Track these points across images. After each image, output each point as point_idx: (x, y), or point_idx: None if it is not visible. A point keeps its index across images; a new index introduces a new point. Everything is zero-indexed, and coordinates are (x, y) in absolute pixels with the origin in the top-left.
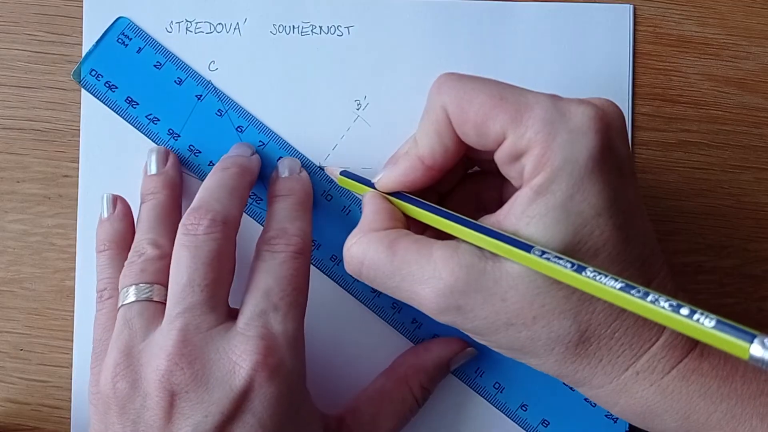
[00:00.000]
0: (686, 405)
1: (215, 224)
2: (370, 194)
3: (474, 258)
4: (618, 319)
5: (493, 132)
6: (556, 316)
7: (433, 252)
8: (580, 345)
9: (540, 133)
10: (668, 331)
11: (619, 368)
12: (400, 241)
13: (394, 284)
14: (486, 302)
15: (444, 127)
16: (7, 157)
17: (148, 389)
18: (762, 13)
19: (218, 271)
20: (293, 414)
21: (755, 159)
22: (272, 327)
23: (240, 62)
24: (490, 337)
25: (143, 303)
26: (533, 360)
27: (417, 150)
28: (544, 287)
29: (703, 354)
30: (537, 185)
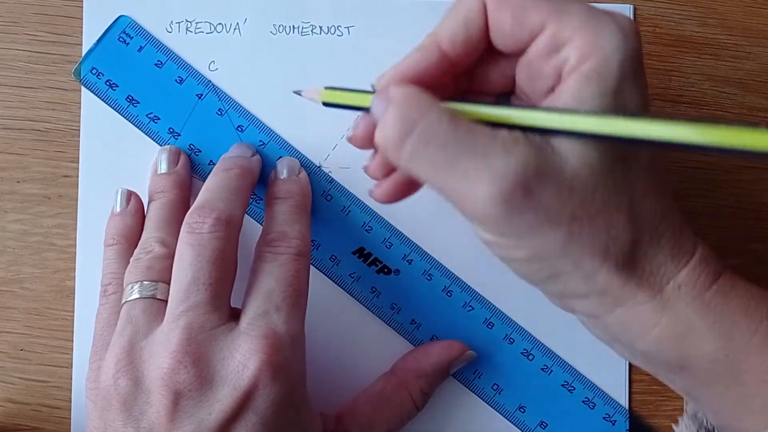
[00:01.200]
0: (729, 323)
1: (219, 223)
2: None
3: (540, 144)
4: (663, 220)
5: (531, 21)
6: (615, 210)
7: (500, 133)
8: (632, 249)
9: (587, 23)
10: (701, 247)
11: (662, 280)
12: (460, 116)
13: (450, 158)
14: (555, 189)
15: (476, 13)
16: (7, 157)
17: (151, 387)
18: (762, 13)
19: (222, 270)
20: (294, 413)
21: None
22: (275, 327)
23: (240, 62)
24: (546, 235)
25: (147, 300)
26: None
27: (435, 36)
28: (601, 176)
29: (734, 276)
30: (589, 69)
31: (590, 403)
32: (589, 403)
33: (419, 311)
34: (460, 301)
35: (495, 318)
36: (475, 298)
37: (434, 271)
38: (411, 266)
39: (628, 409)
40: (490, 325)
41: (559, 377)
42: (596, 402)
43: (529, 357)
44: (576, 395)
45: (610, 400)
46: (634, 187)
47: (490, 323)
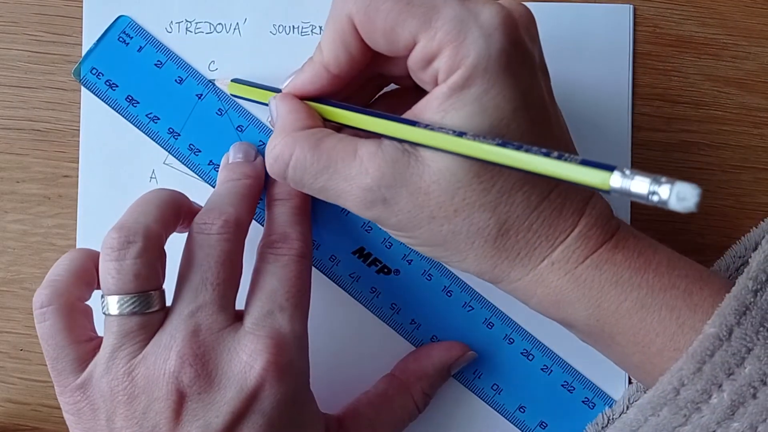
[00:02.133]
0: (598, 293)
1: (228, 225)
2: (283, 94)
3: (398, 153)
4: (535, 210)
5: (403, 38)
6: (476, 209)
7: (358, 149)
8: (499, 238)
9: (451, 33)
10: (583, 222)
11: (535, 260)
12: (324, 140)
13: (321, 184)
14: (410, 196)
15: (349, 36)
16: (7, 157)
17: (154, 389)
18: (762, 13)
19: (229, 272)
20: (299, 413)
21: (755, 159)
22: (280, 327)
23: (240, 62)
24: (412, 232)
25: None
26: (454, 257)
27: (321, 58)
28: (465, 180)
29: (617, 246)
30: (453, 82)
31: (590, 403)
32: (589, 403)
33: (419, 311)
34: (460, 301)
35: (495, 318)
36: (475, 298)
37: (434, 270)
38: (411, 266)
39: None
40: (490, 325)
41: (559, 377)
42: (596, 402)
43: (529, 357)
44: (576, 395)
45: (610, 400)
46: (503, 186)
47: (490, 323)
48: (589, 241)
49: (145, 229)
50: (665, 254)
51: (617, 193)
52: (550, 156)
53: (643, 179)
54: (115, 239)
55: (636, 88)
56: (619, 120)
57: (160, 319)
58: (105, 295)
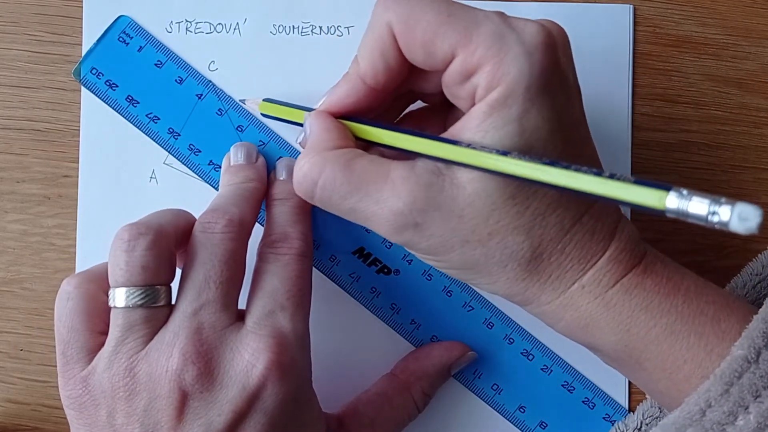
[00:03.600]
0: (628, 318)
1: (232, 224)
2: (316, 113)
3: (431, 176)
4: (568, 233)
5: (441, 50)
6: (510, 232)
7: (391, 171)
8: (532, 261)
9: (492, 49)
10: (613, 246)
11: (566, 283)
12: (355, 160)
13: (350, 205)
14: (443, 220)
15: (388, 45)
16: (7, 157)
17: (157, 386)
18: (762, 13)
19: (233, 271)
20: (300, 412)
21: (755, 159)
22: (282, 326)
23: (240, 62)
24: (444, 256)
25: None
26: (484, 279)
27: (358, 69)
28: (500, 203)
29: (646, 271)
30: (493, 100)
31: (590, 403)
32: (589, 403)
33: (419, 311)
34: (460, 301)
35: (495, 318)
36: (475, 298)
37: (434, 271)
38: (411, 266)
39: (628, 409)
40: (490, 325)
41: (559, 377)
42: (596, 402)
43: (529, 357)
44: (576, 395)
45: (610, 400)
46: (537, 207)
47: (490, 323)
48: (620, 265)
49: (157, 225)
50: (692, 280)
51: (673, 214)
52: (601, 175)
53: (702, 200)
54: (127, 231)
55: (636, 88)
56: (619, 120)
57: (165, 315)
58: (113, 288)
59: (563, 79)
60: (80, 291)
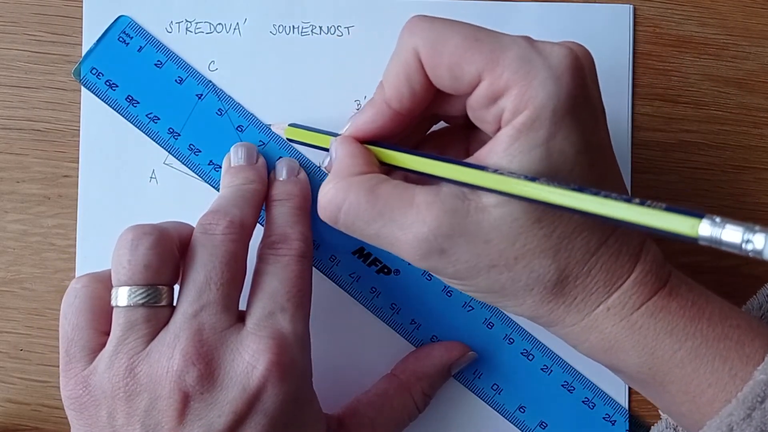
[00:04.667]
0: (653, 341)
1: (233, 226)
2: (342, 138)
3: (457, 201)
4: (594, 255)
5: (468, 74)
6: (536, 256)
7: (416, 197)
8: (558, 284)
9: (519, 72)
10: (639, 268)
11: (591, 305)
12: (380, 186)
13: (374, 231)
14: (469, 245)
15: (414, 69)
16: (7, 157)
17: (158, 387)
18: (762, 13)
19: (233, 272)
20: (300, 413)
21: (755, 159)
22: (282, 327)
23: (240, 62)
24: (470, 281)
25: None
26: (510, 302)
27: (383, 94)
28: (526, 226)
29: (671, 293)
30: (520, 123)
31: (590, 403)
32: (589, 403)
33: (419, 311)
34: (460, 301)
35: (495, 318)
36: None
37: None
38: (411, 266)
39: (628, 409)
40: (490, 325)
41: (559, 377)
42: (596, 402)
43: (529, 357)
44: (576, 395)
45: (610, 400)
46: (563, 231)
47: (489, 323)
48: (645, 287)
49: (161, 227)
50: (716, 303)
51: (705, 242)
52: (631, 202)
53: (736, 228)
54: (131, 231)
55: (636, 88)
56: (619, 120)
57: (167, 316)
58: (116, 287)
59: (590, 102)
60: (87, 290)
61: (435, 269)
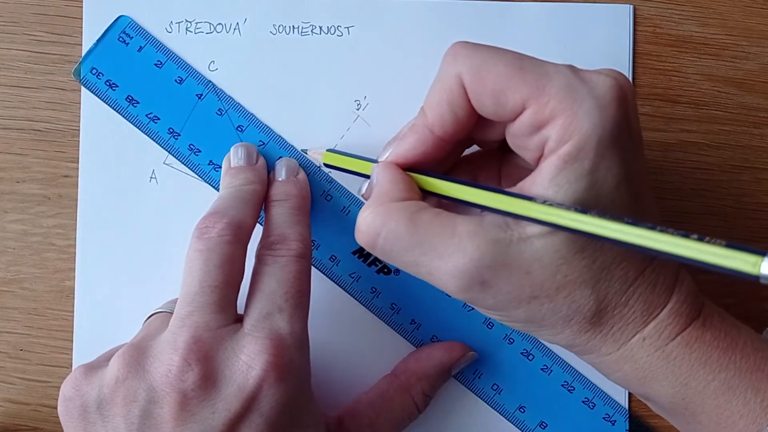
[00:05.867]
0: (687, 372)
1: (230, 227)
2: (385, 164)
3: (499, 231)
4: (632, 285)
5: (512, 102)
6: (577, 286)
7: (457, 226)
8: (597, 314)
9: (565, 102)
10: (674, 299)
11: (627, 335)
12: (421, 213)
13: (412, 258)
14: (511, 276)
15: (457, 96)
16: (7, 157)
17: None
18: (762, 13)
19: (229, 274)
20: (298, 414)
21: (755, 159)
22: (279, 328)
23: (240, 62)
24: (509, 312)
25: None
26: (547, 332)
27: (426, 120)
28: (568, 257)
29: (705, 324)
30: (566, 153)
31: (590, 403)
32: (589, 403)
33: (419, 311)
34: (460, 302)
35: None
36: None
37: None
38: None
39: (628, 409)
40: (490, 326)
41: (559, 377)
42: (596, 402)
43: (529, 357)
44: (576, 395)
45: (610, 400)
46: (603, 261)
47: (489, 323)
48: (681, 317)
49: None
50: (748, 335)
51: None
52: (689, 237)
53: None
54: None
55: (636, 88)
56: None
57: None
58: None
59: (632, 132)
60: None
61: (473, 301)
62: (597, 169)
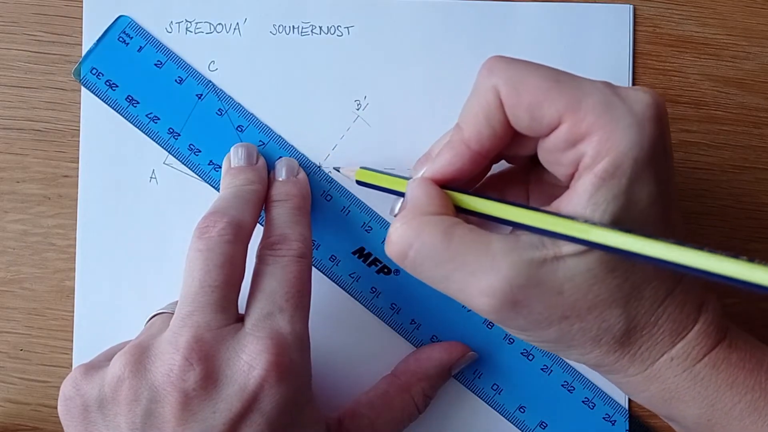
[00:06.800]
0: (714, 393)
1: (230, 226)
2: (421, 179)
3: (534, 251)
4: (662, 305)
5: (548, 116)
6: (608, 306)
7: (492, 244)
8: (626, 334)
9: (602, 118)
10: (702, 319)
11: (655, 355)
12: (455, 228)
13: (444, 273)
14: (543, 296)
15: (494, 109)
16: (7, 157)
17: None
18: (762, 13)
19: (229, 274)
20: (299, 413)
21: (755, 159)
22: (280, 328)
23: (240, 62)
24: (539, 333)
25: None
26: (576, 352)
27: (462, 135)
28: (600, 276)
29: (731, 345)
30: (602, 171)
31: (590, 403)
32: (589, 403)
33: (419, 311)
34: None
35: None
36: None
37: None
38: None
39: (627, 409)
40: (490, 325)
41: (559, 377)
42: (596, 402)
43: (528, 357)
44: (576, 395)
45: (610, 400)
46: (635, 280)
47: (489, 323)
48: (708, 338)
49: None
50: None
51: None
52: (739, 259)
53: None
54: None
55: None
56: None
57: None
58: None
59: (666, 151)
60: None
61: (504, 321)
62: (633, 187)
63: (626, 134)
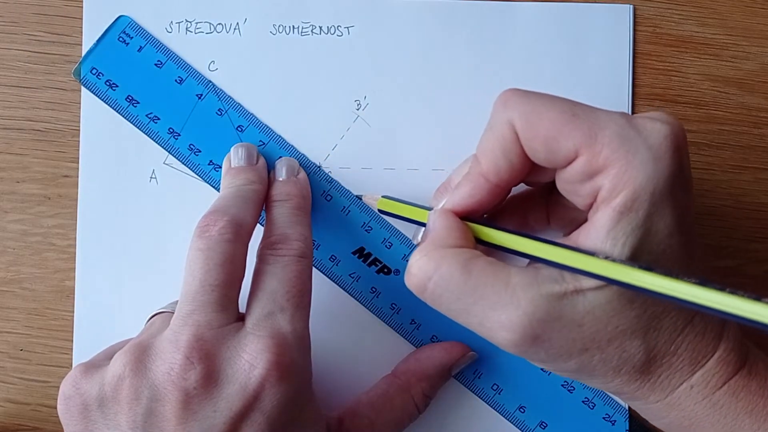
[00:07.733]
0: (733, 421)
1: (230, 225)
2: (443, 210)
3: (554, 285)
4: (681, 334)
5: (564, 149)
6: (628, 337)
7: (512, 277)
8: (646, 364)
9: (619, 151)
10: (722, 347)
11: (675, 383)
12: (475, 261)
13: (463, 306)
14: (563, 329)
15: (510, 143)
16: (7, 157)
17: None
18: (762, 13)
19: (230, 273)
20: (299, 413)
21: (755, 159)
22: (281, 327)
23: (240, 62)
24: (560, 364)
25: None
26: (597, 381)
27: (480, 168)
28: (619, 308)
29: (751, 373)
30: (620, 205)
31: (590, 403)
32: (589, 403)
33: (419, 311)
34: None
35: None
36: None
37: None
38: None
39: (627, 409)
40: None
41: (559, 377)
42: (596, 402)
43: None
44: (576, 395)
45: (610, 400)
46: (654, 311)
47: None
48: (728, 366)
49: None
50: None
51: None
52: (762, 301)
53: None
54: None
55: (636, 88)
56: None
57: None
58: None
59: (685, 182)
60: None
61: (524, 354)
62: (651, 219)
63: (643, 167)
